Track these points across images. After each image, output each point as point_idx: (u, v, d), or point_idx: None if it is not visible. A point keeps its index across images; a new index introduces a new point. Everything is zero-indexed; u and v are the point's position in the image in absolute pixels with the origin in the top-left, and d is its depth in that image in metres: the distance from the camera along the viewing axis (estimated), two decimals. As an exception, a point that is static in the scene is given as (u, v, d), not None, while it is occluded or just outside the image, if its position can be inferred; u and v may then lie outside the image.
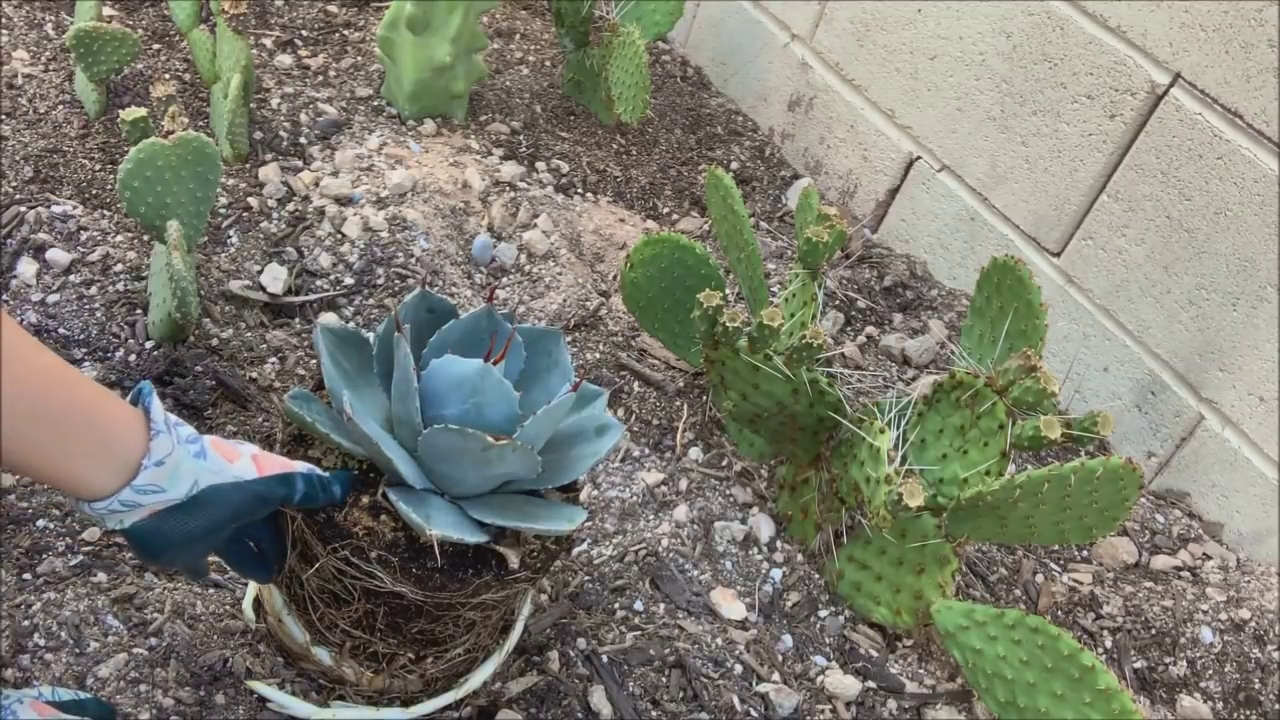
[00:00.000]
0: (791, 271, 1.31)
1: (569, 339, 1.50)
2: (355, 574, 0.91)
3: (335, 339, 0.96)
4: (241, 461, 0.85)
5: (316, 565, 0.93)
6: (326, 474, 0.90)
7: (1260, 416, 1.39)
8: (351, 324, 1.44)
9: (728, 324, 1.12)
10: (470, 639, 1.01)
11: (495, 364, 0.91)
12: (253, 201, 1.56)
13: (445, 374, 0.91)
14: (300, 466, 0.89)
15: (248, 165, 1.62)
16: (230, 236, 1.50)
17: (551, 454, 0.96)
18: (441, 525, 0.88)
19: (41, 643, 0.98)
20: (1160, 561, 1.42)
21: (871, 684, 1.20)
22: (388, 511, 0.92)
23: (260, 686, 1.00)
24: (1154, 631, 1.31)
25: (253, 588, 1.08)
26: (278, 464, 0.88)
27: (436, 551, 0.89)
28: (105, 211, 1.50)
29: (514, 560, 0.92)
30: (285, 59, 1.85)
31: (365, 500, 0.93)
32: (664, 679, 1.14)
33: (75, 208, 1.46)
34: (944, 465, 1.18)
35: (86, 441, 0.76)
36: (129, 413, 0.79)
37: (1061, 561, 1.41)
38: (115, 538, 1.07)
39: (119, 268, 1.40)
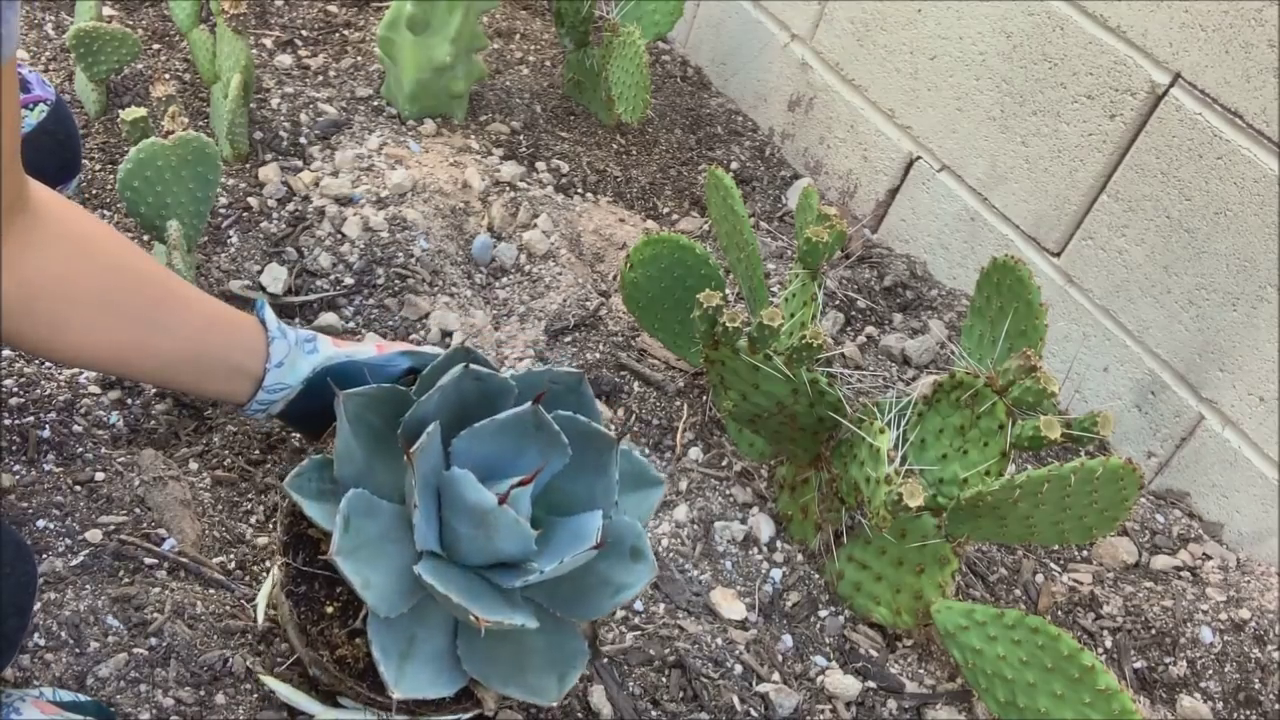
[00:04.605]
0: (791, 271, 1.31)
1: (568, 339, 1.50)
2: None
3: (364, 401, 0.89)
4: (362, 346, 1.05)
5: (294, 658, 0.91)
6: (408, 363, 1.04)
7: (1260, 416, 1.39)
8: (351, 324, 1.44)
9: (728, 324, 1.12)
10: None
11: (525, 484, 0.85)
12: (253, 201, 1.56)
13: (460, 494, 0.86)
14: (416, 348, 1.07)
15: (248, 165, 1.62)
16: (230, 236, 1.50)
17: (567, 584, 0.91)
18: (412, 679, 0.83)
19: (41, 643, 0.98)
20: (1160, 561, 1.42)
21: (871, 684, 1.20)
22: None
23: (270, 680, 0.99)
24: (1154, 631, 1.31)
25: (265, 592, 1.08)
26: (398, 346, 1.06)
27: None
28: (105, 211, 1.50)
29: (490, 705, 0.89)
30: (285, 59, 1.85)
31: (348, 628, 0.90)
32: (664, 679, 1.14)
33: (75, 208, 1.46)
34: (944, 465, 1.18)
35: (226, 369, 0.96)
36: (254, 331, 0.98)
37: (1061, 561, 1.41)
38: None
39: (119, 268, 1.40)
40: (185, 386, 1.03)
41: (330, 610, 0.90)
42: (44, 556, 1.07)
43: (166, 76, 1.74)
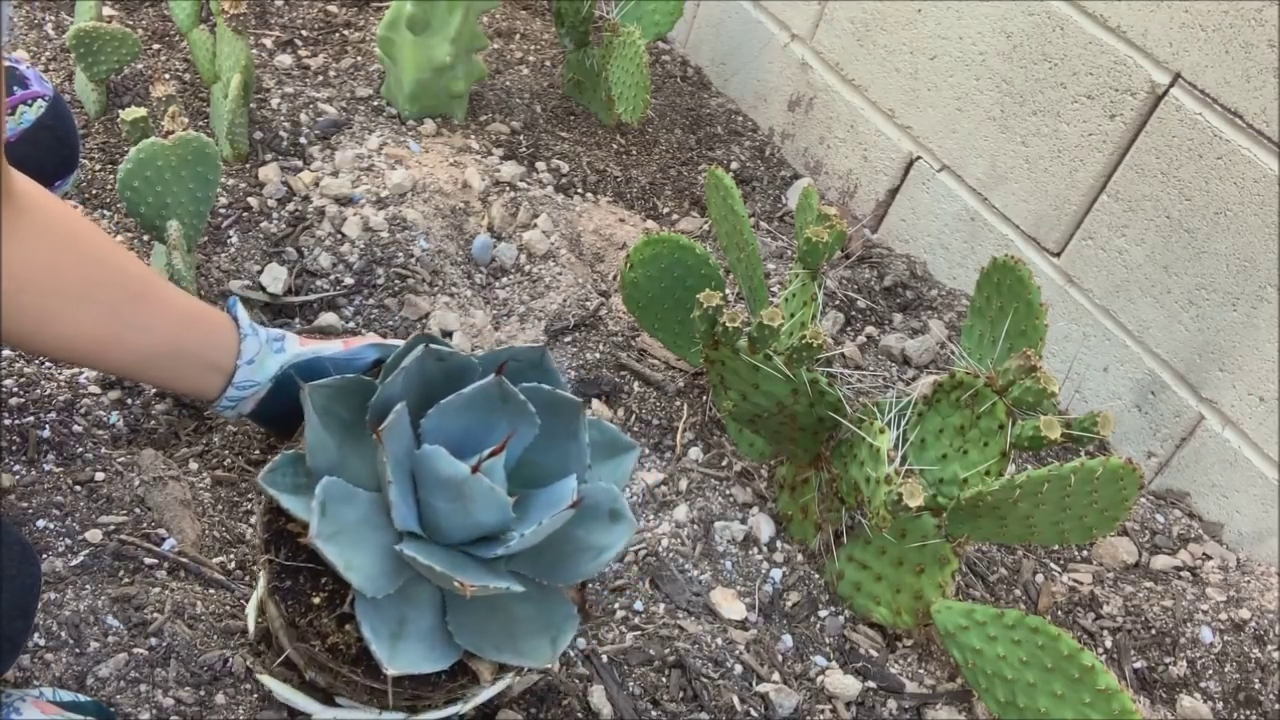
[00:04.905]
0: (791, 271, 1.31)
1: (568, 339, 1.50)
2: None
3: (330, 393, 0.88)
4: (329, 343, 1.06)
5: (282, 657, 0.90)
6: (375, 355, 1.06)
7: (1260, 416, 1.39)
8: (351, 324, 1.44)
9: (728, 324, 1.12)
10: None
11: (496, 454, 0.86)
12: (253, 201, 1.56)
13: (433, 469, 0.86)
14: (383, 341, 1.09)
15: (248, 165, 1.62)
16: (230, 236, 1.50)
17: (550, 551, 0.91)
18: (406, 656, 0.83)
19: (41, 643, 0.98)
20: (1160, 561, 1.42)
21: (871, 684, 1.20)
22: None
23: (267, 679, 0.99)
24: (1154, 631, 1.31)
25: (255, 600, 1.08)
26: (364, 340, 1.08)
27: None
28: (105, 211, 1.50)
29: (487, 676, 0.89)
30: (285, 59, 1.85)
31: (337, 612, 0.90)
32: (664, 679, 1.14)
33: (75, 208, 1.46)
34: (944, 465, 1.18)
35: (200, 365, 0.98)
36: (226, 327, 0.99)
37: (1061, 561, 1.41)
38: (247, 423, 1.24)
39: (119, 268, 1.40)
40: (159, 381, 1.04)
41: (317, 601, 0.90)
42: (44, 556, 1.07)
43: (166, 76, 1.74)
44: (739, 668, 1.17)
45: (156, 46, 1.81)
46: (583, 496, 0.88)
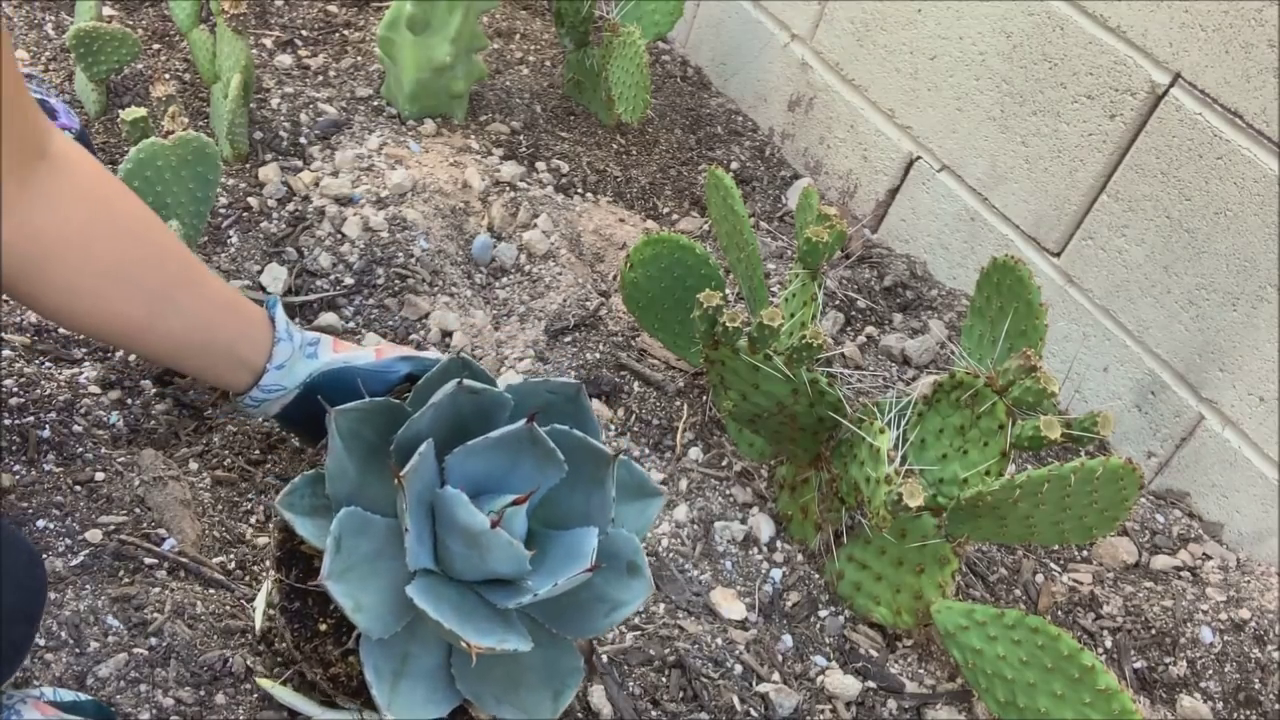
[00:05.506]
0: (791, 271, 1.31)
1: (568, 339, 1.50)
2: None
3: (358, 416, 0.86)
4: (361, 351, 1.04)
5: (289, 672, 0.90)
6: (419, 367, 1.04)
7: (1260, 416, 1.39)
8: (351, 324, 1.44)
9: (728, 324, 1.12)
10: None
11: (520, 503, 0.85)
12: (253, 201, 1.56)
13: (452, 516, 0.85)
14: (416, 353, 1.07)
15: (248, 165, 1.62)
16: (230, 236, 1.50)
17: (564, 597, 0.89)
18: (406, 699, 0.83)
19: (41, 643, 0.98)
20: (1160, 561, 1.42)
21: (871, 684, 1.20)
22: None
23: (267, 684, 1.00)
24: (1154, 631, 1.31)
25: (263, 596, 1.08)
26: (397, 351, 1.06)
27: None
28: (105, 211, 1.50)
29: (483, 716, 0.89)
30: (285, 59, 1.85)
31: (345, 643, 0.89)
32: (664, 679, 1.14)
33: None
34: (944, 465, 1.18)
35: (231, 359, 0.96)
36: (263, 327, 0.97)
37: (1061, 561, 1.41)
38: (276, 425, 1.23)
39: (119, 268, 1.40)
40: (188, 370, 1.02)
41: (324, 628, 0.89)
42: (44, 556, 1.07)
43: (166, 76, 1.74)
44: (739, 668, 1.17)
45: (156, 46, 1.81)
46: (600, 561, 0.86)
